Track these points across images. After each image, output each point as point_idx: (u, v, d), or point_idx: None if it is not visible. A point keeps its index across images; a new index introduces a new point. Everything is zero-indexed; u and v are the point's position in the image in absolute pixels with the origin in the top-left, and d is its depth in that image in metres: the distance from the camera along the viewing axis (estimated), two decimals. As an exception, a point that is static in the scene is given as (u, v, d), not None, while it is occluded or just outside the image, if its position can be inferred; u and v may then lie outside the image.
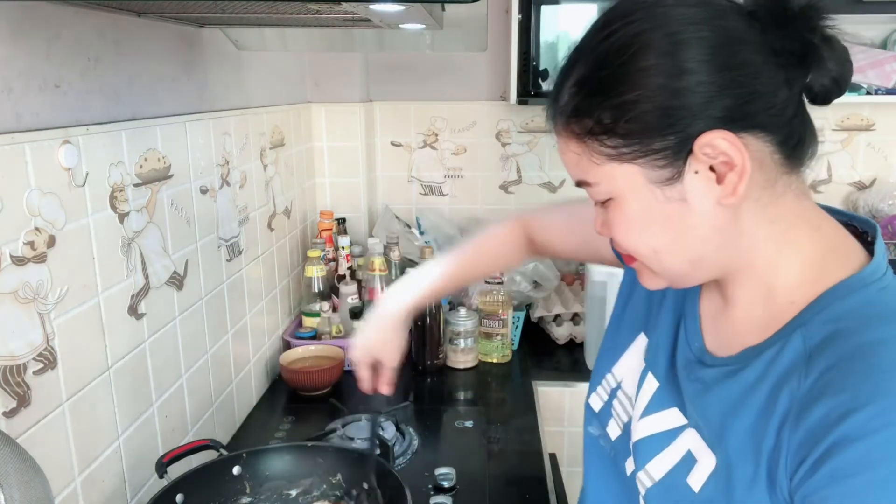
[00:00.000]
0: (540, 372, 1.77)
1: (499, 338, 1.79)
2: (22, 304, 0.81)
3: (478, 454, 1.36)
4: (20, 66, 0.82)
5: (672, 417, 0.69)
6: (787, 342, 0.59)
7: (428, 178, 2.33)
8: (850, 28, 0.60)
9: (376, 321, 1.02)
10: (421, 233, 2.20)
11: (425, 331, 1.70)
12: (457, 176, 2.33)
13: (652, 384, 0.73)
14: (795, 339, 0.59)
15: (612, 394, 0.81)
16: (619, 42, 0.58)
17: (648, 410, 0.72)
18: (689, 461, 0.66)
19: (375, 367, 1.02)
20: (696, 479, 0.64)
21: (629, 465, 0.74)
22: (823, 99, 0.60)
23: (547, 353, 1.90)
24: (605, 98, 0.59)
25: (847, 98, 1.84)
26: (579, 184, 0.65)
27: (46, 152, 0.85)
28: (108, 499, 0.99)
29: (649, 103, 0.57)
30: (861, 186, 2.23)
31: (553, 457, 1.52)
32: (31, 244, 0.82)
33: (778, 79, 0.57)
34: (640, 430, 0.72)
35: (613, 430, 0.80)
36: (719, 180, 0.58)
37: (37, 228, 0.83)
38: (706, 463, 0.64)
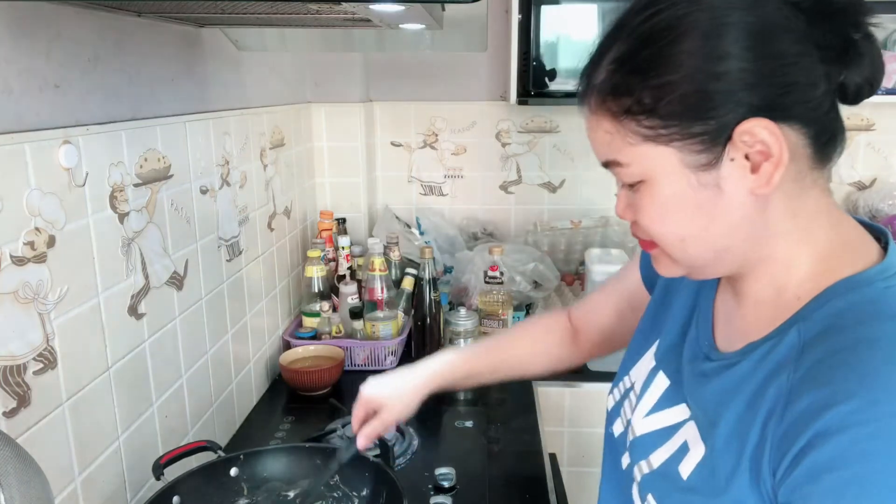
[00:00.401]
0: (540, 372, 1.77)
1: (499, 338, 1.78)
2: (22, 305, 0.81)
3: (478, 454, 1.36)
4: (20, 66, 0.82)
5: (678, 412, 0.70)
6: (783, 336, 0.59)
7: (428, 178, 2.33)
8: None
9: (401, 375, 1.01)
10: (421, 233, 2.20)
11: (425, 331, 1.70)
12: (457, 176, 2.33)
13: (663, 382, 0.74)
14: (792, 333, 0.58)
15: (625, 394, 0.82)
16: (664, 22, 0.58)
17: (658, 407, 0.73)
18: (683, 450, 0.66)
19: (369, 416, 1.00)
20: (686, 467, 0.64)
21: (625, 459, 0.76)
22: (854, 98, 0.59)
23: (547, 353, 1.89)
24: (647, 77, 0.58)
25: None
26: (607, 164, 0.64)
27: (46, 152, 0.85)
28: (108, 499, 0.99)
29: (691, 86, 0.56)
30: (861, 186, 2.23)
31: (553, 457, 1.52)
32: (31, 244, 0.82)
33: (818, 72, 0.57)
34: (645, 426, 0.73)
35: (618, 428, 0.81)
36: (754, 169, 0.57)
37: (37, 228, 0.83)
38: (697, 452, 0.64)
